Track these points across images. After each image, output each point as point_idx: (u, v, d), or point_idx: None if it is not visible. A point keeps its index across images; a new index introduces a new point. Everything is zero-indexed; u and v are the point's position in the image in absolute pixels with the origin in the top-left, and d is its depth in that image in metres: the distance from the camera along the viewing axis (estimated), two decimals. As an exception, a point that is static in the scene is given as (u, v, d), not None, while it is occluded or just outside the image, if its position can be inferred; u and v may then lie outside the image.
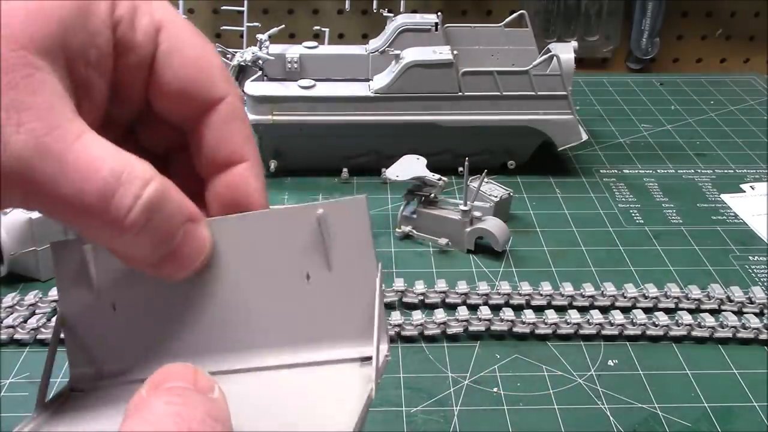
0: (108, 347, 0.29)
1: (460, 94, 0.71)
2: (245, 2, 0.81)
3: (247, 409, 0.26)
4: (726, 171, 0.78)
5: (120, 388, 0.28)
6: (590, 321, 0.53)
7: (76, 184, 0.22)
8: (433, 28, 0.75)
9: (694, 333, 0.53)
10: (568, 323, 0.53)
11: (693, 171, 0.78)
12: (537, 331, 0.53)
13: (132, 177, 0.23)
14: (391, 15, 0.78)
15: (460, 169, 0.63)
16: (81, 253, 0.29)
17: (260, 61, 0.74)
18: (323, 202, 0.27)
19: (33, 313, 0.54)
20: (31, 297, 0.54)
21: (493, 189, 0.66)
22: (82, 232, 0.25)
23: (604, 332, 0.53)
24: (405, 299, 0.56)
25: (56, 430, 0.27)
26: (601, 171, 0.77)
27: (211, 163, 0.28)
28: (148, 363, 0.28)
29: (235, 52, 0.74)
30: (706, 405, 0.48)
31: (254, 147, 0.29)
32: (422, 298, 0.56)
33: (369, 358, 0.26)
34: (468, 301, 0.55)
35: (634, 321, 0.54)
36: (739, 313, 0.55)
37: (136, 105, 0.28)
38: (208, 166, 0.28)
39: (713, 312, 0.55)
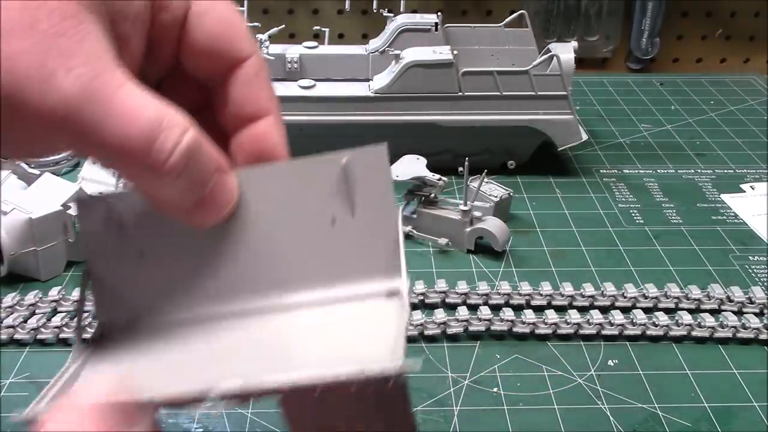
0: (135, 291, 0.30)
1: (460, 94, 0.71)
2: (245, 2, 0.81)
3: (288, 343, 0.27)
4: (726, 171, 0.78)
5: (148, 328, 0.30)
6: (590, 321, 0.53)
7: (121, 128, 0.24)
8: (433, 28, 0.75)
9: (694, 333, 0.53)
10: (568, 323, 0.53)
11: (693, 171, 0.78)
12: (537, 331, 0.53)
13: (172, 124, 0.25)
14: (391, 15, 0.78)
15: (460, 169, 0.63)
16: (106, 207, 0.30)
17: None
18: (346, 151, 0.29)
19: (33, 313, 0.54)
20: (31, 297, 0.54)
21: (493, 189, 0.66)
22: (123, 175, 0.26)
23: (604, 332, 0.53)
24: (405, 299, 0.56)
25: (96, 369, 0.28)
26: (601, 171, 0.77)
27: (237, 117, 0.30)
28: (175, 304, 0.30)
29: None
30: (706, 405, 0.48)
31: (277, 103, 0.30)
32: (422, 298, 0.56)
33: (394, 292, 0.28)
34: (468, 301, 0.55)
35: (634, 321, 0.54)
36: (739, 313, 0.55)
37: (166, 63, 0.30)
38: (233, 121, 0.30)
39: (713, 312, 0.55)
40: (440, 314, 0.54)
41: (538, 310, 0.55)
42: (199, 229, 0.28)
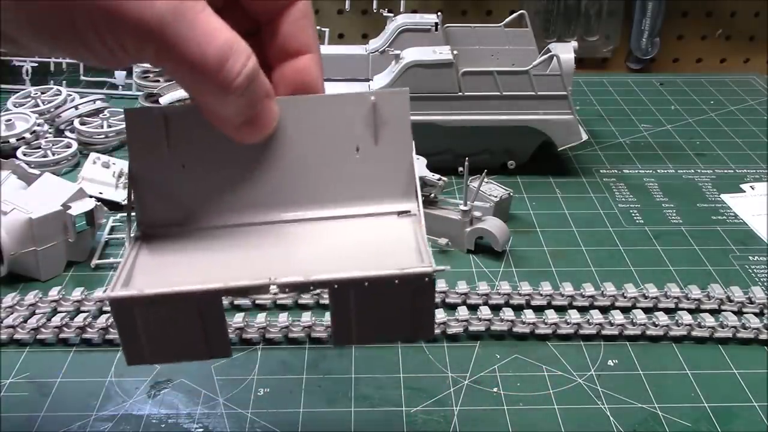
0: (176, 198, 0.34)
1: (460, 94, 0.71)
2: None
3: (325, 248, 0.31)
4: (726, 171, 0.78)
5: (186, 233, 0.33)
6: (590, 321, 0.53)
7: (200, 46, 0.27)
8: (433, 28, 0.75)
9: (694, 333, 0.53)
10: (568, 323, 0.53)
11: (693, 171, 0.78)
12: (537, 331, 0.53)
13: (240, 49, 0.28)
14: (391, 15, 0.78)
15: (460, 169, 0.63)
16: (154, 119, 0.33)
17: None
18: (374, 90, 0.34)
19: (33, 313, 0.54)
20: (31, 297, 0.54)
21: (493, 189, 0.66)
22: (194, 89, 0.29)
23: (604, 332, 0.53)
24: (405, 299, 0.56)
25: (150, 264, 0.32)
26: (601, 171, 0.77)
27: (283, 50, 0.33)
28: (213, 213, 0.33)
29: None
30: (706, 405, 0.48)
31: (318, 43, 0.34)
32: (422, 298, 0.56)
33: (405, 212, 0.33)
34: (468, 301, 0.55)
35: (634, 321, 0.54)
36: (739, 313, 0.55)
37: None
38: (280, 53, 0.34)
39: (713, 312, 0.55)
40: (440, 314, 0.54)
41: (538, 310, 0.55)
42: (240, 146, 0.32)
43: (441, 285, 0.56)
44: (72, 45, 0.28)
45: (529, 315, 0.54)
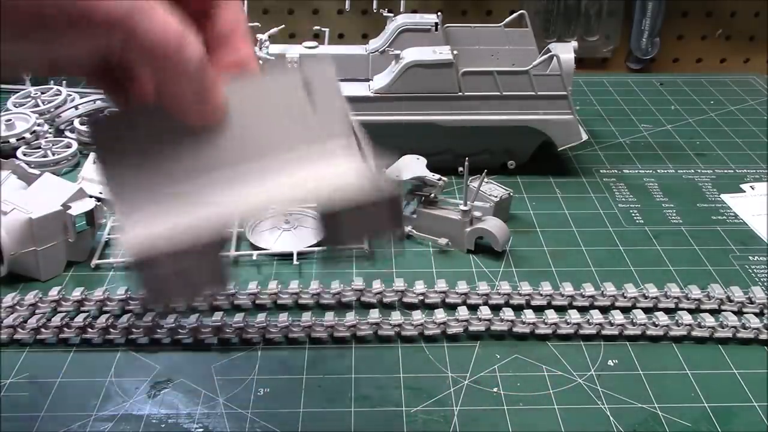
0: (143, 177, 0.36)
1: (460, 94, 0.71)
2: (245, 2, 0.81)
3: (296, 180, 0.35)
4: (726, 171, 0.78)
5: (166, 196, 0.36)
6: (590, 321, 0.53)
7: (162, 33, 0.31)
8: (433, 28, 0.75)
9: (694, 333, 0.53)
10: (568, 323, 0.53)
11: (693, 171, 0.78)
12: (537, 331, 0.53)
13: (192, 35, 0.32)
14: (391, 15, 0.78)
15: (460, 169, 0.63)
16: (114, 121, 0.36)
17: (260, 61, 0.74)
18: (303, 66, 0.38)
19: (33, 313, 0.54)
20: (31, 297, 0.54)
21: (493, 189, 0.66)
22: (156, 72, 0.32)
23: (604, 332, 0.53)
24: (405, 299, 0.56)
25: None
26: (601, 171, 0.77)
27: (218, 39, 0.37)
28: (182, 180, 0.36)
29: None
30: (706, 405, 0.48)
31: (247, 26, 0.38)
32: (422, 298, 0.56)
33: (345, 148, 0.37)
34: (468, 301, 0.55)
35: (634, 321, 0.54)
36: (739, 313, 0.55)
37: None
38: (215, 42, 0.37)
39: (713, 312, 0.55)
40: (440, 314, 0.54)
41: (538, 310, 0.55)
42: (196, 132, 0.35)
43: (441, 285, 0.56)
44: (47, 43, 0.31)
45: (529, 315, 0.54)
